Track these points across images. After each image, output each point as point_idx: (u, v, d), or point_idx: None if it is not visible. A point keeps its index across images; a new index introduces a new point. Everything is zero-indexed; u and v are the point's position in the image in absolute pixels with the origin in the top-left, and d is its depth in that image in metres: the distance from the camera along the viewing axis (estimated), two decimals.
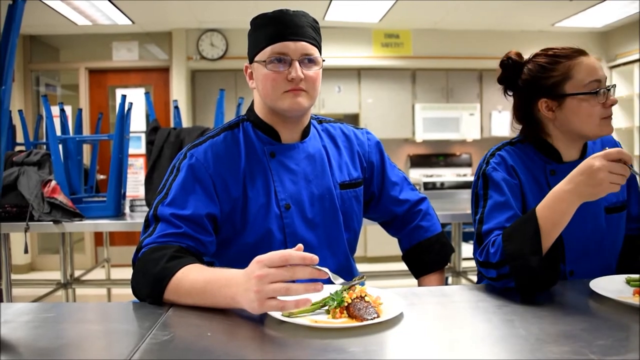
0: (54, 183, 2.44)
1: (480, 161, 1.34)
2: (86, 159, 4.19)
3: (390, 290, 1.08)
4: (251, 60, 1.25)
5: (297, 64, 1.18)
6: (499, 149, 1.34)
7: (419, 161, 5.80)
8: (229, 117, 1.93)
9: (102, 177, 3.86)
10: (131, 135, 2.89)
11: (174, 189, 1.18)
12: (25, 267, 5.00)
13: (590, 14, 4.80)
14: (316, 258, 0.87)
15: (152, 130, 2.73)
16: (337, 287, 1.01)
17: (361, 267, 3.27)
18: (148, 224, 1.17)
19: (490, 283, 1.18)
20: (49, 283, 3.32)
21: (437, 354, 0.80)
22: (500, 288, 1.15)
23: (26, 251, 2.35)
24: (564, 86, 1.25)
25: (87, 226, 2.52)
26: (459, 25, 5.27)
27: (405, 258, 1.46)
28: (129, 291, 1.11)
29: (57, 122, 2.82)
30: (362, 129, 1.45)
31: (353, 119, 5.53)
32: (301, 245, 0.91)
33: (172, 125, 3.12)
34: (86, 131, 5.03)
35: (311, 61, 1.20)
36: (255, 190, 1.23)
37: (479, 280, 1.40)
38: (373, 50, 5.35)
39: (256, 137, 1.28)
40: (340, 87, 5.44)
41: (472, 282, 3.10)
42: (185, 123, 4.77)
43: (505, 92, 1.38)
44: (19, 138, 3.45)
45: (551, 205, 1.08)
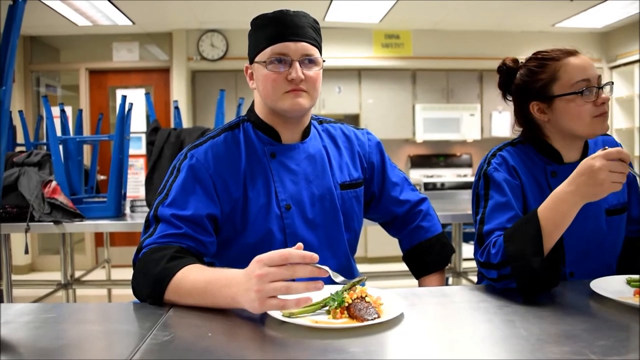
0: (54, 183, 2.45)
1: (481, 161, 1.34)
2: (86, 160, 4.19)
3: (390, 290, 1.08)
4: (251, 61, 1.25)
5: (297, 64, 1.18)
6: (500, 149, 1.34)
7: (419, 161, 5.80)
8: (230, 118, 1.93)
9: (102, 177, 3.86)
10: (131, 135, 2.89)
11: (175, 190, 1.18)
12: (26, 267, 5.00)
13: (591, 15, 4.80)
14: (316, 256, 0.87)
15: (153, 130, 2.73)
16: (337, 287, 1.01)
17: (362, 268, 3.26)
18: (148, 224, 1.17)
19: (491, 284, 1.18)
20: (49, 284, 3.33)
21: (437, 354, 0.80)
22: (500, 289, 1.15)
23: (26, 252, 2.35)
24: (552, 88, 1.26)
25: (88, 227, 2.52)
26: (459, 26, 5.27)
27: (405, 258, 1.46)
28: (129, 292, 1.11)
29: (57, 123, 2.82)
30: (362, 129, 1.45)
31: (353, 120, 5.53)
32: (301, 244, 0.91)
33: (172, 125, 3.12)
34: (86, 132, 5.03)
35: (311, 62, 1.20)
36: (256, 190, 1.23)
37: (479, 280, 1.40)
38: (373, 50, 5.36)
39: (257, 137, 1.28)
40: (341, 87, 5.44)
41: (472, 282, 3.10)
42: (186, 123, 4.77)
43: (505, 96, 1.40)
44: (20, 139, 3.45)
45: (553, 206, 1.08)
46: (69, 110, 4.55)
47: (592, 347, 0.79)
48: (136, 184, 4.88)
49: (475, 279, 2.35)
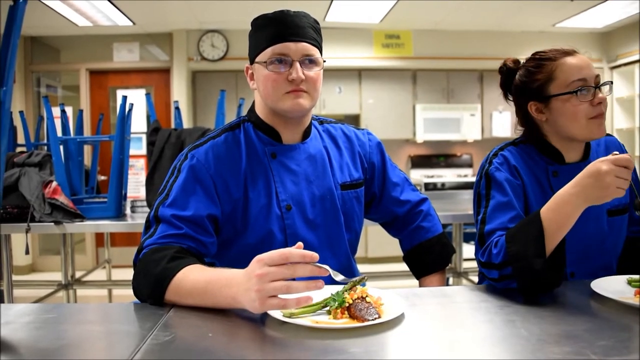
0: (55, 184, 2.45)
1: (482, 161, 1.34)
2: (87, 160, 4.19)
3: (391, 290, 1.08)
4: (252, 61, 1.25)
5: (297, 64, 1.18)
6: (501, 149, 1.34)
7: (419, 162, 5.80)
8: (230, 118, 1.93)
9: (103, 178, 3.86)
10: (132, 136, 2.89)
11: (175, 190, 1.18)
12: (26, 268, 5.00)
13: (591, 15, 4.80)
14: (316, 255, 0.87)
15: (153, 131, 2.73)
16: (338, 287, 1.01)
17: (362, 268, 3.26)
18: (149, 225, 1.17)
19: (492, 284, 1.18)
20: (50, 284, 3.32)
21: (438, 354, 0.80)
22: (501, 289, 1.15)
23: (27, 252, 2.35)
24: (549, 88, 1.26)
25: (88, 227, 2.52)
26: (459, 26, 5.27)
27: (406, 259, 1.46)
28: (130, 292, 1.11)
29: (58, 123, 2.82)
30: (363, 129, 1.45)
31: (354, 120, 5.53)
32: (301, 244, 0.91)
33: (172, 126, 3.13)
34: (87, 132, 5.04)
35: (312, 62, 1.20)
36: (256, 191, 1.23)
37: (480, 280, 1.39)
38: (374, 50, 5.36)
39: (257, 137, 1.28)
40: (341, 87, 5.44)
41: (473, 282, 3.10)
42: (186, 124, 4.77)
43: (506, 97, 1.40)
44: (20, 139, 3.45)
45: (556, 207, 1.08)
46: (69, 110, 4.55)
47: (593, 347, 0.79)
48: (137, 185, 4.88)
49: (475, 279, 2.34)
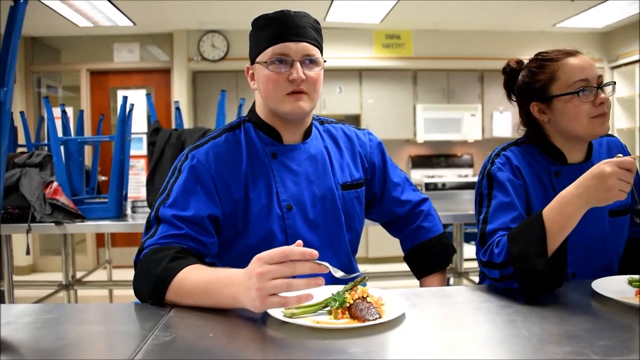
0: (55, 184, 2.45)
1: (484, 161, 1.34)
2: (87, 160, 4.19)
3: (392, 290, 1.08)
4: (252, 61, 1.25)
5: (298, 64, 1.18)
6: (504, 149, 1.34)
7: (420, 162, 5.79)
8: (230, 118, 1.93)
9: (103, 178, 3.86)
10: (132, 136, 2.89)
11: (176, 191, 1.18)
12: (27, 268, 5.00)
13: (592, 15, 4.80)
14: (316, 253, 0.87)
15: (154, 131, 2.73)
16: (339, 287, 1.01)
17: (363, 268, 3.24)
18: (150, 225, 1.17)
19: (493, 283, 1.18)
20: (50, 284, 3.33)
21: (438, 354, 0.80)
22: (502, 289, 1.15)
23: (28, 252, 2.35)
24: (551, 88, 1.26)
25: (89, 227, 2.52)
26: (460, 26, 5.27)
27: (406, 259, 1.46)
28: (130, 292, 1.12)
29: (58, 124, 2.81)
30: (363, 129, 1.45)
31: (354, 120, 5.53)
32: (300, 242, 0.91)
33: (173, 126, 3.12)
34: (87, 132, 5.04)
35: (312, 62, 1.20)
36: (257, 191, 1.23)
37: (480, 281, 1.39)
38: (374, 51, 5.36)
39: (258, 138, 1.28)
40: (342, 87, 5.44)
41: (474, 283, 3.10)
42: (187, 124, 4.77)
43: (509, 97, 1.40)
44: (21, 139, 3.45)
45: (558, 208, 1.08)
46: (70, 111, 4.54)
47: (593, 347, 0.79)
48: (137, 185, 4.88)
49: (476, 279, 2.34)
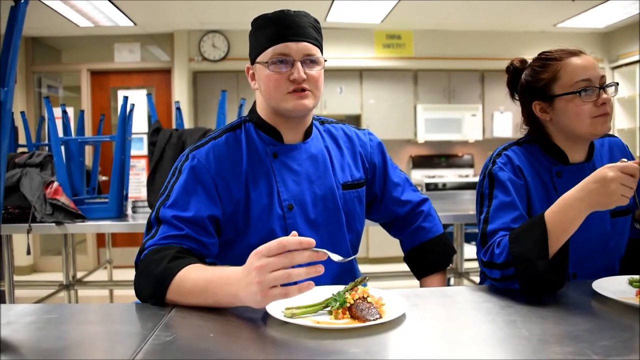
0: (56, 184, 2.45)
1: (486, 160, 1.34)
2: (88, 161, 4.19)
3: (392, 291, 1.08)
4: (253, 61, 1.25)
5: (299, 64, 1.18)
6: (505, 148, 1.34)
7: (420, 162, 5.79)
8: (231, 119, 1.93)
9: (104, 178, 3.86)
10: (133, 136, 2.89)
11: (176, 191, 1.18)
12: (28, 268, 5.01)
13: (592, 15, 4.80)
14: (313, 241, 0.87)
15: (154, 131, 2.73)
16: (339, 287, 1.01)
17: (363, 268, 3.25)
18: (150, 226, 1.17)
19: (493, 284, 1.18)
20: (51, 284, 3.33)
21: (439, 354, 0.80)
22: (502, 289, 1.15)
23: (28, 252, 2.35)
24: (553, 87, 1.27)
25: (90, 227, 2.52)
26: (460, 26, 5.27)
27: (407, 259, 1.46)
28: (131, 292, 1.12)
29: (59, 124, 2.82)
30: (364, 129, 1.45)
31: (355, 120, 5.53)
32: (295, 232, 0.90)
33: (174, 126, 3.12)
34: (88, 132, 5.04)
35: (313, 61, 1.20)
36: (258, 191, 1.23)
37: (481, 281, 1.39)
38: (375, 51, 5.35)
39: (258, 138, 1.28)
40: (342, 88, 5.44)
41: (474, 283, 3.09)
42: (187, 124, 4.77)
43: (512, 96, 1.41)
44: (21, 139, 3.46)
45: (560, 211, 1.08)
46: (70, 111, 4.55)
47: (594, 347, 0.79)
48: (138, 185, 4.89)
49: (477, 279, 2.34)
